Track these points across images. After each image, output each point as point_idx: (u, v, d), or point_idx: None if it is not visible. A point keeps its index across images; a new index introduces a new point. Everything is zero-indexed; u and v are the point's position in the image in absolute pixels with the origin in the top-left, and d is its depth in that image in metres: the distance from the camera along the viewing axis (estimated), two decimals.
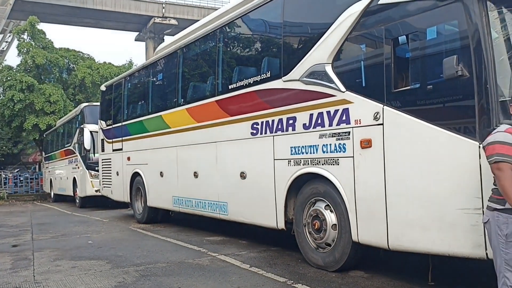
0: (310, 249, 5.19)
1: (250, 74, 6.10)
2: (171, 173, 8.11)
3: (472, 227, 3.50)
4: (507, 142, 2.85)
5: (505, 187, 2.78)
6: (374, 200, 4.31)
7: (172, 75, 8.42)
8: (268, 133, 5.70)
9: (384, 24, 4.26)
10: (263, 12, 6.10)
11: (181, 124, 7.74)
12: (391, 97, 4.17)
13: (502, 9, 3.58)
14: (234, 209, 6.45)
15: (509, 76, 3.57)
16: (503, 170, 2.81)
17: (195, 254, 6.09)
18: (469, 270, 4.92)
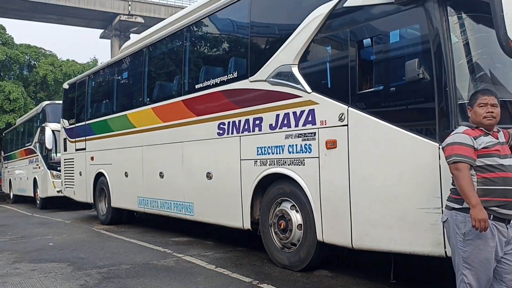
0: (275, 249, 5.22)
1: (217, 74, 6.08)
2: (136, 173, 7.98)
3: (432, 226, 3.59)
4: (465, 143, 2.94)
5: (463, 187, 2.87)
6: (339, 200, 4.37)
7: (137, 74, 8.29)
8: (234, 133, 5.69)
9: (349, 26, 4.33)
10: (230, 12, 6.09)
11: (147, 124, 7.63)
12: (355, 99, 4.24)
13: (462, 14, 3.70)
14: (200, 210, 6.41)
15: (468, 79, 3.69)
16: (461, 170, 2.90)
17: (160, 255, 6.01)
18: (429, 268, 5.06)
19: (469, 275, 2.92)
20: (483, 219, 2.77)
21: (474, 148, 2.93)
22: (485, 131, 3.01)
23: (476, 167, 2.92)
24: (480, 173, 2.91)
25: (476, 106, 3.04)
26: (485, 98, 3.01)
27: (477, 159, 2.92)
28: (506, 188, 2.88)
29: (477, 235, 2.86)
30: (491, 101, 3.00)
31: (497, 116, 3.01)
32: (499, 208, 2.88)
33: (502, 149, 2.97)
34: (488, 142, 2.94)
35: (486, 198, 2.86)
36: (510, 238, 2.96)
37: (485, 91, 3.11)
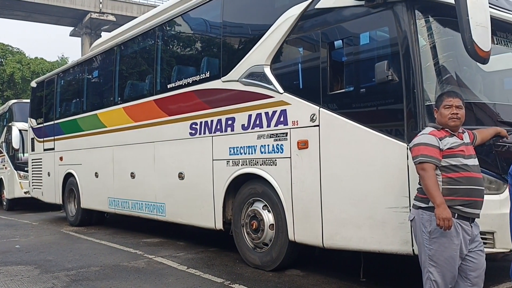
0: (247, 249, 5.22)
1: (189, 74, 6.05)
2: (107, 174, 7.85)
3: (400, 225, 3.67)
4: (431, 143, 3.02)
5: (428, 186, 2.95)
6: (310, 200, 4.41)
7: (108, 73, 8.16)
8: (207, 133, 5.67)
9: (320, 28, 4.38)
10: (203, 11, 6.07)
11: (118, 124, 7.52)
12: (327, 99, 4.28)
13: (429, 18, 3.79)
14: (172, 210, 6.35)
15: (435, 81, 3.78)
16: (426, 170, 2.98)
17: (131, 256, 5.93)
18: (398, 266, 5.16)
19: (434, 273, 2.99)
20: (447, 218, 2.85)
21: (440, 148, 3.01)
22: (451, 132, 3.09)
23: (442, 167, 3.00)
24: (445, 173, 2.99)
25: (441, 107, 3.12)
26: (450, 100, 3.10)
27: (442, 160, 3.00)
28: (470, 187, 2.97)
29: (442, 233, 2.94)
30: (456, 103, 3.08)
31: (462, 117, 3.10)
32: (463, 207, 2.96)
33: (466, 149, 3.05)
34: (453, 143, 3.03)
35: (451, 197, 2.94)
36: (475, 236, 3.05)
37: (451, 93, 3.20)
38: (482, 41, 3.18)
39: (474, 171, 3.01)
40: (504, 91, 4.62)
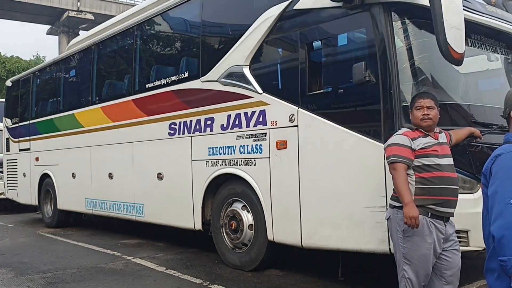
0: (227, 250, 5.21)
1: (168, 74, 6.00)
2: (84, 174, 7.74)
3: (377, 224, 3.71)
4: (403, 144, 3.08)
5: (398, 185, 3.01)
6: (289, 200, 4.42)
7: (86, 72, 8.04)
8: (186, 133, 5.64)
9: (299, 29, 4.40)
10: (182, 11, 6.03)
11: (96, 123, 7.42)
12: (305, 100, 4.31)
13: (405, 20, 3.84)
14: (151, 211, 6.30)
15: (411, 82, 3.84)
16: (397, 170, 3.03)
17: (109, 258, 5.86)
18: (376, 265, 5.22)
19: (409, 271, 3.04)
20: (414, 217, 2.90)
21: (412, 149, 3.06)
22: (425, 132, 3.14)
23: (415, 167, 3.05)
24: (418, 173, 3.04)
25: (414, 109, 3.18)
26: (421, 101, 3.15)
27: (415, 159, 3.05)
28: (442, 187, 3.02)
29: (415, 232, 2.99)
30: (427, 104, 3.13)
31: (434, 117, 3.14)
32: (436, 206, 3.02)
33: (441, 149, 3.11)
34: (426, 143, 3.08)
35: (423, 197, 2.99)
36: (449, 235, 3.11)
37: (422, 94, 3.26)
38: (456, 43, 3.25)
39: (447, 171, 3.06)
40: (478, 92, 4.72)
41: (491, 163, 1.93)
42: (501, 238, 1.78)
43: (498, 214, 1.82)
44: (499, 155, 1.92)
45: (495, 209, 1.83)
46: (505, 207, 1.80)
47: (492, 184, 1.89)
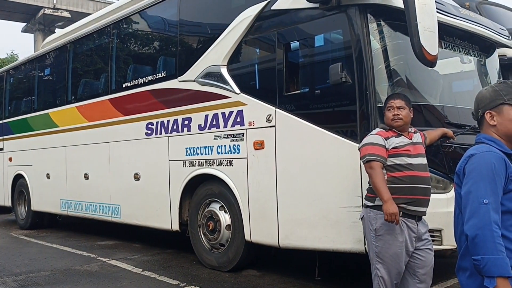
0: (204, 250, 5.18)
1: (146, 73, 5.95)
2: (59, 175, 7.60)
3: (353, 224, 3.74)
4: (377, 143, 3.12)
5: (376, 183, 3.03)
6: (266, 200, 4.43)
7: (61, 71, 7.90)
8: (163, 133, 5.59)
9: (276, 29, 4.41)
10: (160, 10, 5.98)
11: (71, 123, 7.29)
12: (283, 100, 4.32)
13: (381, 22, 3.88)
14: (127, 212, 6.22)
15: (387, 83, 3.88)
16: (374, 168, 3.07)
17: (84, 260, 5.76)
18: (352, 264, 5.26)
19: (381, 269, 3.07)
20: (394, 213, 2.93)
21: (386, 148, 3.10)
22: (398, 132, 3.18)
23: (387, 167, 3.09)
24: (390, 172, 3.09)
25: (385, 110, 3.23)
26: (391, 102, 3.20)
27: (388, 159, 3.09)
28: (413, 186, 3.07)
29: (387, 231, 3.03)
30: (397, 104, 3.18)
31: (405, 117, 3.17)
32: (407, 205, 3.06)
33: (413, 148, 3.15)
34: (398, 143, 3.12)
35: (395, 196, 3.02)
36: (422, 234, 3.15)
37: (393, 95, 3.31)
38: (429, 45, 3.30)
39: (419, 170, 3.11)
40: (452, 94, 4.80)
41: (465, 163, 1.96)
42: (475, 237, 1.80)
43: (471, 213, 1.84)
44: (472, 155, 1.94)
45: (469, 209, 1.86)
46: (479, 207, 1.82)
47: (466, 184, 1.91)
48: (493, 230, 1.78)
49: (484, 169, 1.86)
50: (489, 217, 1.79)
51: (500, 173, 1.85)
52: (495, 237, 1.77)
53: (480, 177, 1.86)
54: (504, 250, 1.77)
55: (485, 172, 1.85)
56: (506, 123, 1.97)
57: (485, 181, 1.84)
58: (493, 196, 1.82)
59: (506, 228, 1.84)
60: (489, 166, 1.85)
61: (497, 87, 2.01)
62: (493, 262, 1.75)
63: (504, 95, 1.97)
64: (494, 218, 1.79)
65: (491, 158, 1.88)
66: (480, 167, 1.88)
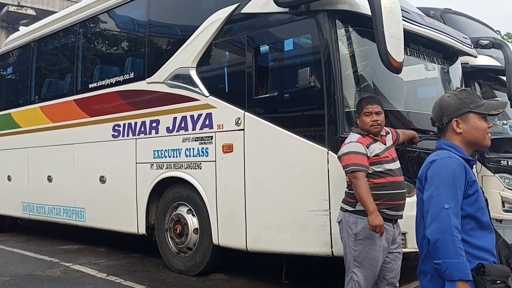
0: (171, 254, 5.12)
1: (113, 74, 5.85)
2: (21, 177, 7.35)
3: (321, 228, 3.77)
4: (360, 152, 3.11)
5: (361, 194, 3.02)
6: (234, 204, 4.41)
7: (24, 70, 7.66)
8: (130, 135, 5.50)
9: (246, 32, 4.41)
10: (128, 10, 5.89)
11: (34, 124, 7.08)
12: (252, 104, 4.32)
13: (349, 28, 3.94)
14: (92, 215, 6.08)
15: (354, 89, 3.94)
16: (359, 179, 3.05)
17: (46, 265, 5.59)
18: (319, 267, 5.31)
19: (358, 273, 3.08)
20: (379, 225, 2.94)
21: (367, 156, 3.12)
22: (374, 138, 3.22)
23: (368, 174, 3.10)
24: (372, 179, 3.10)
25: (362, 115, 3.24)
26: (369, 107, 3.22)
27: (369, 167, 3.11)
28: (394, 192, 3.13)
29: (367, 235, 3.05)
30: (375, 109, 3.22)
31: (382, 122, 3.24)
32: (388, 210, 3.11)
33: (390, 153, 3.20)
34: (378, 150, 3.17)
35: (377, 202, 3.05)
36: (396, 237, 3.21)
37: (369, 100, 3.33)
38: (395, 52, 3.36)
39: (397, 175, 3.18)
40: (417, 100, 4.91)
41: (426, 169, 2.00)
42: (436, 241, 1.84)
43: (433, 218, 1.88)
44: (433, 161, 1.99)
45: (430, 213, 1.90)
46: (440, 211, 1.86)
47: (428, 189, 1.95)
48: (453, 234, 1.82)
49: (445, 175, 1.91)
50: (450, 222, 1.83)
51: (460, 179, 1.90)
52: (455, 241, 1.82)
53: (441, 183, 1.90)
54: (464, 254, 1.82)
55: (446, 177, 1.90)
56: (472, 131, 2.02)
57: (446, 186, 1.89)
58: (453, 201, 1.87)
59: (466, 233, 1.89)
60: (450, 171, 1.90)
61: (461, 95, 2.06)
62: (453, 266, 1.80)
63: (469, 103, 2.02)
64: (455, 223, 1.84)
65: (452, 163, 1.93)
66: (441, 173, 1.92)
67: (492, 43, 5.58)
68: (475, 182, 1.94)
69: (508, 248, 2.04)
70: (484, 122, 2.02)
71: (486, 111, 2.00)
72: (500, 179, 5.87)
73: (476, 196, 1.92)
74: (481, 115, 2.00)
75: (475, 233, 1.90)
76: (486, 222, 1.94)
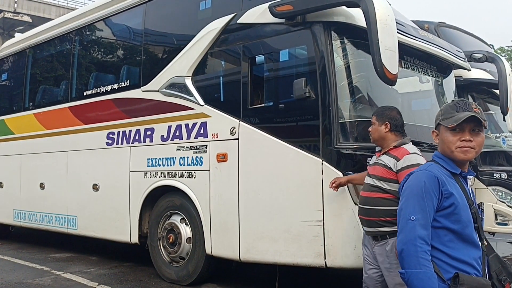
0: (164, 264, 5.08)
1: (108, 82, 5.84)
2: (13, 184, 7.30)
3: (314, 238, 3.76)
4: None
5: None
6: (228, 214, 4.39)
7: (19, 76, 7.64)
8: (124, 143, 5.48)
9: (242, 42, 4.43)
10: (124, 18, 5.90)
11: (28, 131, 7.05)
12: (247, 113, 4.33)
13: (344, 40, 3.97)
14: (84, 223, 6.04)
15: (349, 100, 3.96)
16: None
17: (36, 273, 5.52)
18: (312, 278, 5.29)
19: None
20: None
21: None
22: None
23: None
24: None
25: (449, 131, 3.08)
26: None
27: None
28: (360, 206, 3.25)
29: None
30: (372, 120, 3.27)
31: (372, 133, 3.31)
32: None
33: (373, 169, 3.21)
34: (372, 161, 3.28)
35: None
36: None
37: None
38: (390, 64, 3.39)
39: (364, 190, 3.28)
40: (411, 112, 4.95)
41: (404, 181, 2.06)
42: (401, 251, 1.90)
43: (400, 229, 1.95)
44: (411, 173, 2.06)
45: (400, 225, 1.96)
46: (406, 223, 1.92)
47: (400, 201, 2.02)
48: (417, 245, 1.86)
49: (414, 188, 1.96)
50: (415, 233, 1.88)
51: (430, 191, 1.92)
52: (418, 252, 1.85)
53: (410, 195, 1.96)
54: (428, 265, 1.85)
55: (415, 190, 1.95)
56: (441, 143, 2.06)
57: (414, 198, 1.93)
58: (421, 213, 1.90)
59: (444, 244, 1.92)
60: (419, 184, 1.94)
61: (443, 107, 2.10)
62: (415, 276, 1.84)
63: (441, 115, 2.04)
64: (420, 234, 1.88)
65: (422, 176, 1.97)
66: (412, 186, 1.98)
67: (486, 56, 5.64)
68: (452, 194, 1.94)
69: (501, 264, 2.05)
70: (451, 135, 1.98)
71: (447, 124, 1.98)
72: (493, 191, 5.88)
73: (453, 209, 1.93)
74: (447, 128, 1.99)
75: (454, 244, 1.92)
76: (467, 235, 1.94)
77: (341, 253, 3.70)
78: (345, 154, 3.78)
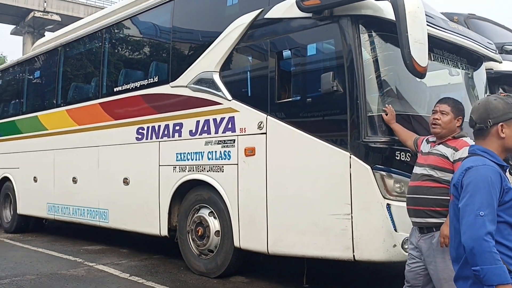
0: (192, 256, 5.17)
1: (137, 78, 5.96)
2: (47, 178, 7.53)
3: (342, 231, 3.77)
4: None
5: None
6: (256, 207, 4.44)
7: (51, 74, 7.86)
8: (154, 138, 5.59)
9: (269, 37, 4.46)
10: (153, 16, 6.01)
11: (60, 126, 7.25)
12: (274, 108, 4.36)
13: (372, 33, 3.95)
14: (116, 217, 6.19)
15: (377, 93, 3.95)
16: None
17: (70, 264, 5.71)
18: (341, 271, 5.30)
19: None
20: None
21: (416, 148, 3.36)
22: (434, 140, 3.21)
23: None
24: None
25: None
26: (436, 106, 3.15)
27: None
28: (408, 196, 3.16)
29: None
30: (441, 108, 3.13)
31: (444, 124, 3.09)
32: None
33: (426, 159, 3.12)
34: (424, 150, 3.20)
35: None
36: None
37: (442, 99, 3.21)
38: (419, 57, 3.37)
39: (413, 180, 3.18)
40: None
41: (462, 176, 2.03)
42: (472, 248, 1.89)
43: (468, 226, 1.92)
44: (469, 168, 2.02)
45: (466, 221, 1.94)
46: (475, 219, 1.90)
47: (463, 197, 1.99)
48: (488, 241, 1.86)
49: (480, 183, 1.95)
50: (485, 229, 1.87)
51: (495, 186, 1.93)
52: (491, 247, 1.86)
53: (476, 190, 1.94)
54: (499, 259, 1.86)
55: (481, 185, 1.94)
56: (509, 138, 2.05)
57: (481, 193, 1.92)
58: (488, 208, 1.90)
59: (504, 237, 1.93)
60: (485, 179, 1.94)
61: (508, 100, 2.08)
62: (492, 272, 1.84)
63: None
64: (489, 229, 1.88)
65: (487, 171, 1.97)
66: (476, 181, 1.96)
67: None
68: (511, 189, 1.97)
69: None
70: None
71: None
72: None
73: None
74: None
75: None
76: None
77: (369, 246, 3.71)
78: (373, 148, 3.77)
